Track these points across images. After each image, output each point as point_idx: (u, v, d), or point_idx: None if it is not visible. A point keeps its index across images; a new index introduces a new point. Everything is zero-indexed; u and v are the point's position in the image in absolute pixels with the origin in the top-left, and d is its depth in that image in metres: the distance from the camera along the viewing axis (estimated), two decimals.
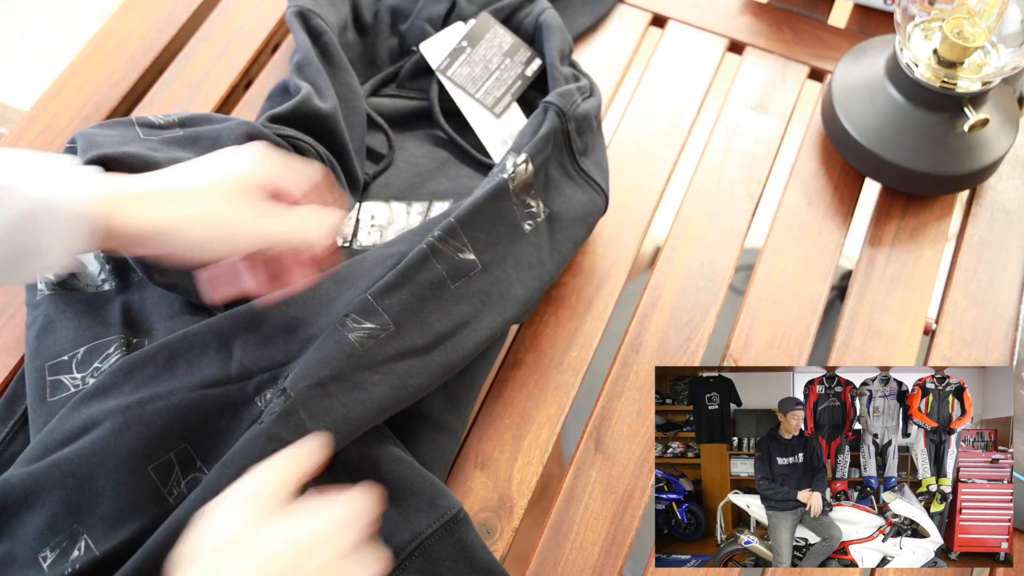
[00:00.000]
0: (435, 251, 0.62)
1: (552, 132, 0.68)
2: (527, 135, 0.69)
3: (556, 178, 0.70)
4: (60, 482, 0.55)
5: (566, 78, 0.75)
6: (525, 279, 0.66)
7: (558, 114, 0.69)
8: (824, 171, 0.80)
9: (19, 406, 0.64)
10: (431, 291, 0.62)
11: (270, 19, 0.87)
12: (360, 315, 0.60)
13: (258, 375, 0.60)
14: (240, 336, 0.61)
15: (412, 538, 0.58)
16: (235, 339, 0.61)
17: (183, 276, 0.63)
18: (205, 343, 0.60)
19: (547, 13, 0.80)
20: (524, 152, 0.67)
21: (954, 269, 0.75)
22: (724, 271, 0.74)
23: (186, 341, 0.60)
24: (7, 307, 0.70)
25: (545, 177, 0.69)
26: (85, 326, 0.63)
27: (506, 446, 0.66)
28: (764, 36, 0.87)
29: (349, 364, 0.58)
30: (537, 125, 0.69)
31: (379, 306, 0.60)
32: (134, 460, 0.55)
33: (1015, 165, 0.80)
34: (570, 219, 0.69)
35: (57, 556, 0.53)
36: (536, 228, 0.67)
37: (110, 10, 1.72)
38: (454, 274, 0.63)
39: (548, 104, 0.70)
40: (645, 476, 0.65)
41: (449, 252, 0.63)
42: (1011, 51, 0.70)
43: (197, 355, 0.60)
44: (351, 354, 0.58)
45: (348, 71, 0.75)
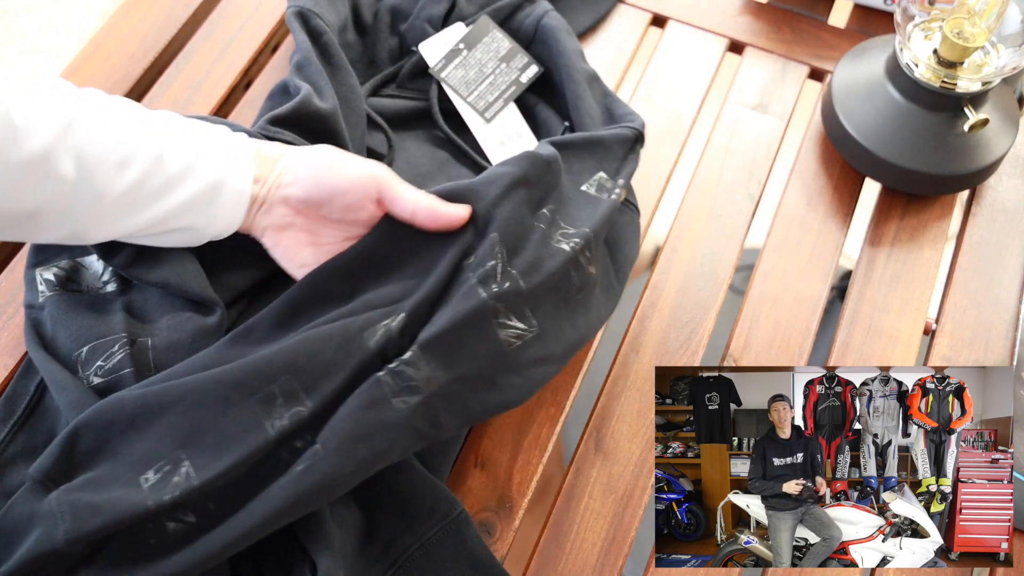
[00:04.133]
0: (576, 265, 0.62)
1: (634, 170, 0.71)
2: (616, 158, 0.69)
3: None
4: (168, 407, 0.54)
5: (588, 76, 0.76)
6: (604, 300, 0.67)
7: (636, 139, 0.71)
8: (824, 171, 0.80)
9: (19, 406, 0.64)
10: (564, 300, 0.62)
11: (270, 19, 0.87)
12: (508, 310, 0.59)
13: (366, 311, 0.58)
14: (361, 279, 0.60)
15: (414, 539, 0.59)
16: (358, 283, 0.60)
17: (176, 274, 0.63)
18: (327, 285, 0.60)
19: (550, 15, 0.80)
20: (622, 180, 0.68)
21: (954, 269, 0.75)
22: (724, 271, 0.74)
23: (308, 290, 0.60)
24: (7, 307, 0.70)
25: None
26: (87, 325, 0.63)
27: (506, 446, 0.66)
28: (764, 36, 0.87)
29: (496, 364, 0.58)
30: (625, 152, 0.70)
31: (527, 308, 0.60)
32: (238, 390, 0.54)
33: (1015, 165, 0.80)
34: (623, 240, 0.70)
35: (158, 480, 0.52)
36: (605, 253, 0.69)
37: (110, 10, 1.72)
38: (581, 286, 0.63)
39: (639, 136, 0.71)
40: (645, 476, 0.65)
41: (584, 264, 0.63)
42: (1011, 51, 0.70)
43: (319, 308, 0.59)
44: (499, 352, 0.58)
45: (348, 71, 0.75)
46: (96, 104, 0.57)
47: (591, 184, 0.68)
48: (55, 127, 0.53)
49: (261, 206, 0.61)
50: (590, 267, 0.63)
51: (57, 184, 0.54)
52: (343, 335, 0.56)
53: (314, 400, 0.55)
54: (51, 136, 0.53)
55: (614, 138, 0.70)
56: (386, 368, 0.55)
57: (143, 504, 0.51)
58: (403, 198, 0.60)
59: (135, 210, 0.57)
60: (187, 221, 0.58)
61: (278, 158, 0.61)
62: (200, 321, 0.64)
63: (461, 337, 0.57)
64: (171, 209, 0.57)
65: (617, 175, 0.68)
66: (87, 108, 0.56)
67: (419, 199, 0.60)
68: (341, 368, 0.55)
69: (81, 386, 0.60)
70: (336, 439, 0.54)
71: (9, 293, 0.70)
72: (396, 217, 0.61)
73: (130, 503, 0.51)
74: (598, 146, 0.70)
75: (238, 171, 0.59)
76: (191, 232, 0.60)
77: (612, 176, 0.68)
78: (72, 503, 0.51)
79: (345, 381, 0.55)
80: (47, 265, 0.66)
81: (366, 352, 0.56)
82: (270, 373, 0.55)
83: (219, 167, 0.58)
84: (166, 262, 0.64)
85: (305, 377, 0.55)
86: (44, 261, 0.67)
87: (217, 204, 0.58)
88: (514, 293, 0.59)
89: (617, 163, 0.70)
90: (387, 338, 0.57)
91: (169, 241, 0.61)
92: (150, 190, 0.56)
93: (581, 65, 0.77)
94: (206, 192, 0.58)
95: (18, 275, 0.70)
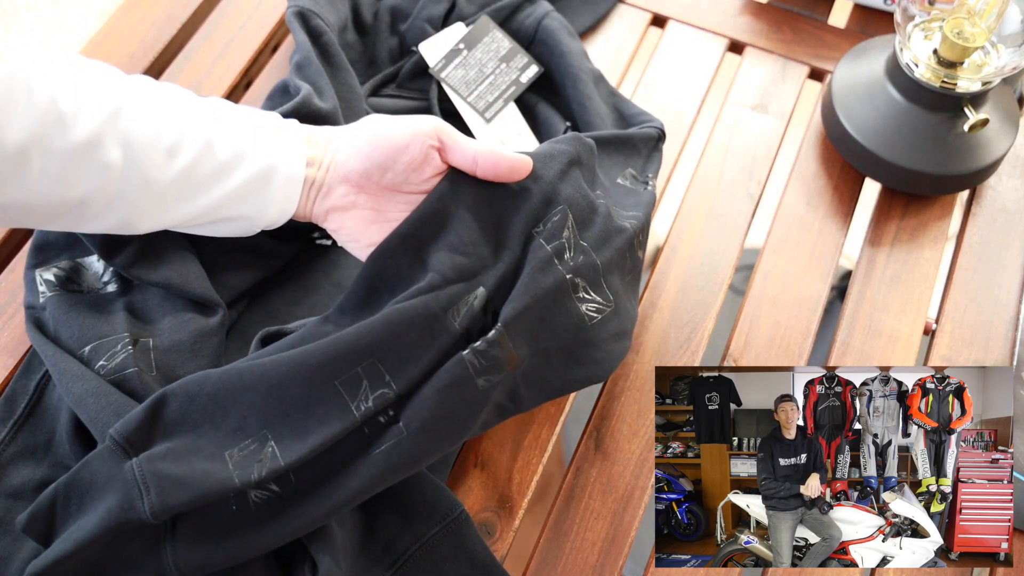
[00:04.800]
0: (631, 246, 0.63)
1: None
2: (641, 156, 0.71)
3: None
4: (252, 386, 0.54)
5: (595, 76, 0.77)
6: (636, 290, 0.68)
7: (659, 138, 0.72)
8: (824, 171, 0.80)
9: (19, 406, 0.64)
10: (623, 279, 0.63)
11: (270, 19, 0.87)
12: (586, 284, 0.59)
13: (448, 286, 0.57)
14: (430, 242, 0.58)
15: (414, 539, 0.59)
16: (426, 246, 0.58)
17: (177, 275, 0.63)
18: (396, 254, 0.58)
19: (550, 16, 0.80)
20: (651, 174, 0.69)
21: (954, 269, 0.75)
22: (724, 271, 0.74)
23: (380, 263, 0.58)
24: (7, 307, 0.70)
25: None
26: (89, 325, 0.63)
27: (506, 446, 0.66)
28: (764, 36, 0.87)
29: (578, 339, 0.58)
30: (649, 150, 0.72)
31: (603, 281, 0.60)
32: (322, 372, 0.54)
33: (1015, 165, 0.80)
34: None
35: (244, 457, 0.52)
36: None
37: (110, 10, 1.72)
38: (632, 268, 0.64)
39: (662, 135, 0.72)
40: (645, 476, 0.65)
41: (636, 247, 0.64)
42: (1011, 51, 0.70)
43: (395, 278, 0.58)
44: (580, 327, 0.58)
45: (348, 71, 0.75)
46: (144, 90, 0.56)
47: (624, 178, 0.68)
48: (102, 114, 0.52)
49: (320, 189, 0.59)
50: (639, 251, 0.64)
51: (104, 172, 0.53)
52: (426, 316, 0.55)
53: (399, 383, 0.54)
54: (98, 123, 0.52)
55: (640, 137, 0.71)
56: (470, 347, 0.55)
57: (230, 481, 0.51)
58: (464, 142, 0.58)
59: (185, 198, 0.56)
60: (239, 210, 0.57)
61: (329, 140, 0.59)
62: (202, 322, 0.64)
63: (542, 313, 0.57)
64: (223, 196, 0.56)
65: (645, 171, 0.70)
66: (135, 94, 0.55)
67: (480, 144, 0.58)
68: (426, 350, 0.55)
69: (96, 376, 0.60)
70: (419, 420, 0.54)
71: (9, 293, 0.70)
72: (456, 166, 0.58)
73: (217, 479, 0.51)
74: (625, 144, 0.70)
75: (290, 155, 0.57)
76: (244, 221, 0.59)
77: (640, 172, 0.69)
78: (156, 474, 0.51)
79: (432, 362, 0.55)
80: (47, 266, 0.66)
81: (452, 334, 0.55)
82: (354, 356, 0.54)
83: (271, 152, 0.57)
84: (167, 263, 0.64)
85: (391, 361, 0.54)
86: (44, 262, 0.67)
87: (270, 190, 0.57)
88: (589, 267, 0.59)
89: (643, 161, 0.71)
90: (471, 317, 0.56)
91: (220, 231, 0.60)
92: (200, 177, 0.55)
93: (586, 65, 0.77)
94: (258, 178, 0.57)
95: (18, 275, 0.70)
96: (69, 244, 0.67)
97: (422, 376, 0.55)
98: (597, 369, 0.60)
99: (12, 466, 0.62)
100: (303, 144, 0.58)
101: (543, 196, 0.59)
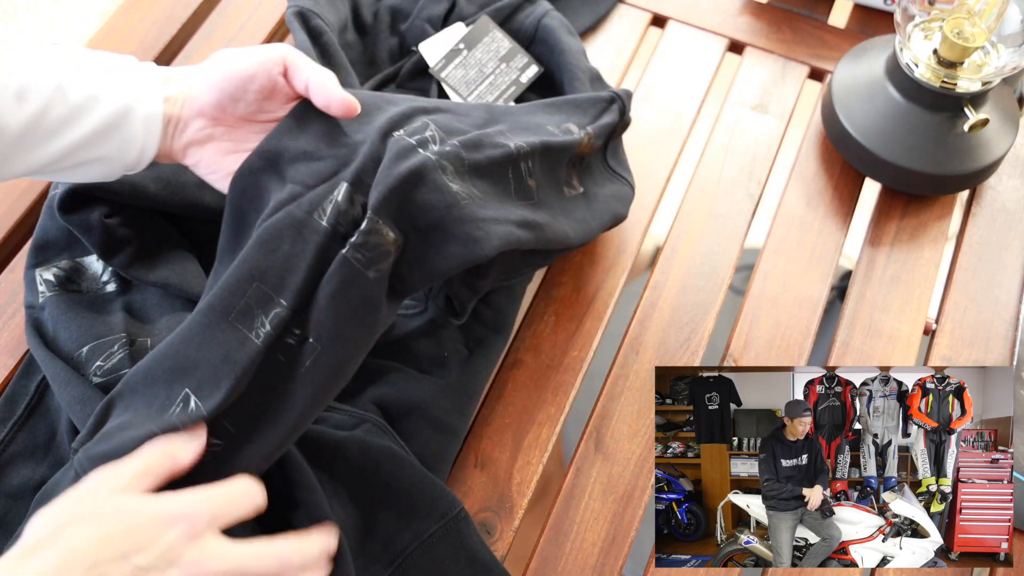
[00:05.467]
0: (516, 167, 0.61)
1: (612, 124, 0.70)
2: (587, 115, 0.70)
3: (593, 167, 0.71)
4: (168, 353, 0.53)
5: (592, 76, 0.76)
6: (574, 227, 0.65)
7: (620, 112, 0.71)
8: (824, 171, 0.80)
9: (19, 406, 0.64)
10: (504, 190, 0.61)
11: (270, 19, 0.87)
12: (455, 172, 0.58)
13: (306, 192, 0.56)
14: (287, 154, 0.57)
15: (414, 538, 0.59)
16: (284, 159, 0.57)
17: (176, 275, 0.63)
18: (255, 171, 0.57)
19: (550, 15, 0.80)
20: (590, 128, 0.68)
21: (954, 269, 0.75)
22: (724, 271, 0.74)
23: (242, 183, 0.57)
24: (7, 307, 0.70)
25: (585, 163, 0.70)
26: (87, 325, 0.63)
27: (506, 446, 0.66)
28: (764, 36, 0.87)
29: (451, 216, 0.56)
30: (599, 110, 0.70)
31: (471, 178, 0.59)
32: (215, 315, 0.53)
33: (1015, 165, 0.80)
34: (606, 196, 0.70)
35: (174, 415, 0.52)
36: (575, 197, 0.68)
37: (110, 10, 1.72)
38: (519, 192, 0.62)
39: (616, 97, 0.71)
40: (645, 476, 0.65)
41: (524, 173, 0.62)
42: (1011, 51, 0.70)
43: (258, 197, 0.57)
44: (453, 204, 0.56)
45: (348, 71, 0.75)
46: None
47: (555, 126, 0.67)
48: None
49: (176, 125, 0.58)
50: (530, 179, 0.62)
51: None
52: (292, 223, 0.54)
53: (287, 297, 0.53)
54: None
55: (587, 98, 0.71)
56: (349, 244, 0.54)
57: (151, 432, 0.50)
58: (302, 68, 0.58)
59: (40, 143, 0.55)
60: (97, 152, 0.56)
61: (185, 78, 0.59)
62: None
63: (408, 191, 0.56)
64: (80, 139, 0.55)
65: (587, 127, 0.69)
66: None
67: (316, 72, 0.58)
68: (302, 257, 0.54)
69: (85, 381, 0.60)
70: (326, 330, 0.53)
71: (9, 293, 0.70)
72: (294, 90, 0.59)
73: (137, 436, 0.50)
74: (569, 104, 0.70)
75: (146, 95, 0.57)
76: (104, 164, 0.57)
77: (580, 128, 0.68)
78: (90, 458, 0.51)
79: (311, 267, 0.54)
80: (47, 266, 0.66)
81: (321, 232, 0.54)
82: (238, 287, 0.53)
83: (125, 93, 0.56)
84: (166, 263, 0.64)
85: (272, 278, 0.53)
86: (44, 262, 0.67)
87: (127, 130, 0.56)
88: (456, 157, 0.58)
89: (588, 119, 0.70)
90: (337, 212, 0.55)
91: (83, 176, 0.59)
92: (53, 121, 0.54)
93: (585, 64, 0.77)
94: (115, 120, 0.56)
95: (18, 275, 0.70)
96: (69, 244, 0.67)
97: (307, 283, 0.54)
98: (476, 247, 0.57)
99: (12, 466, 0.62)
100: (159, 84, 0.58)
101: (401, 113, 0.59)
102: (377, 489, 0.60)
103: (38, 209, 0.74)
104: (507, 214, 0.59)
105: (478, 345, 0.68)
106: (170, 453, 0.49)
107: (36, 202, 0.75)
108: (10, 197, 0.75)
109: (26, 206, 0.75)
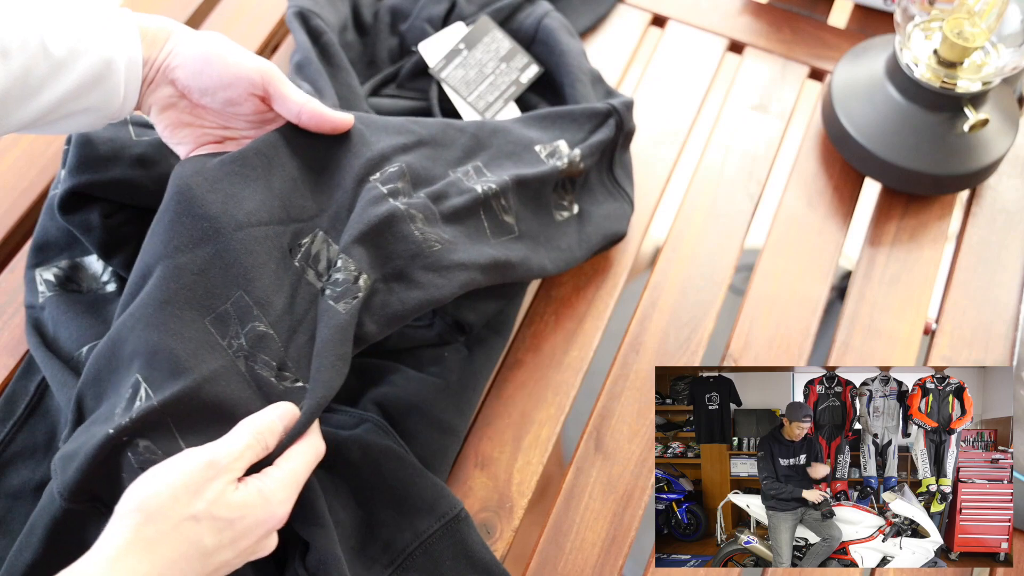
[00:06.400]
0: (487, 207, 0.64)
1: (607, 140, 0.71)
2: (582, 130, 0.70)
3: (593, 183, 0.72)
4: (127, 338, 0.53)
5: (592, 76, 0.77)
6: (554, 258, 0.68)
7: (617, 126, 0.71)
8: (824, 171, 0.80)
9: (19, 406, 0.64)
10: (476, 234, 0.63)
11: (270, 19, 0.87)
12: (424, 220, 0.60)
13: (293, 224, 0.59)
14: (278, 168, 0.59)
15: (414, 538, 0.59)
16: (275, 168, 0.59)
17: None
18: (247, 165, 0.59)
19: (550, 16, 0.80)
20: (579, 150, 0.69)
21: (954, 269, 0.75)
22: (724, 271, 0.74)
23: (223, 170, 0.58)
24: (7, 307, 0.70)
25: (584, 179, 0.71)
26: (88, 325, 0.63)
27: (506, 446, 0.66)
28: (764, 36, 0.87)
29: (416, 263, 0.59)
30: (594, 125, 0.71)
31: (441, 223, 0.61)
32: (192, 310, 0.53)
33: (1015, 165, 0.80)
34: (600, 216, 0.71)
35: (123, 408, 0.51)
36: (567, 220, 0.70)
37: None
38: (495, 230, 0.64)
39: (612, 111, 0.71)
40: (645, 476, 0.65)
41: (497, 210, 0.64)
42: (1011, 51, 0.70)
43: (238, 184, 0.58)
44: (419, 253, 0.59)
45: (348, 71, 0.75)
46: None
47: (544, 148, 0.69)
48: None
49: (149, 85, 0.60)
50: (506, 216, 0.64)
51: None
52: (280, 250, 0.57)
53: (269, 316, 0.55)
54: None
55: (583, 111, 0.71)
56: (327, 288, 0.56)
57: (104, 432, 0.49)
58: (290, 98, 0.60)
59: (26, 97, 0.55)
60: (83, 103, 0.57)
61: (166, 39, 0.60)
62: None
63: (377, 239, 0.58)
64: (63, 94, 0.56)
65: (577, 146, 0.69)
66: None
67: (306, 100, 0.60)
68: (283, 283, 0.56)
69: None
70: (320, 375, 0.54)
71: (9, 293, 0.70)
72: (282, 115, 0.61)
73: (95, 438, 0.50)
74: (564, 118, 0.71)
75: (127, 45, 0.57)
76: (90, 114, 0.58)
77: (572, 146, 0.69)
78: (61, 457, 0.51)
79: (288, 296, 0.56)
80: (47, 265, 0.66)
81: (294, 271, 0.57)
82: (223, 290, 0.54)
83: (107, 45, 0.57)
84: None
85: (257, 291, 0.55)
86: (44, 261, 0.67)
87: (111, 81, 0.57)
88: (425, 208, 0.60)
89: (582, 135, 0.71)
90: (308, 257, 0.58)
91: (71, 126, 0.59)
92: (37, 78, 0.55)
93: (585, 65, 0.77)
94: (97, 72, 0.56)
95: (18, 275, 0.70)
96: (69, 244, 0.67)
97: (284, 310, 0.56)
98: (436, 292, 0.59)
99: (12, 466, 0.62)
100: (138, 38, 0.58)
101: (379, 154, 0.61)
102: (377, 489, 0.60)
103: (38, 209, 0.74)
104: (477, 256, 0.62)
105: (478, 345, 0.68)
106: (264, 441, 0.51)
107: (36, 202, 0.75)
108: (10, 197, 0.75)
109: (26, 206, 0.75)
